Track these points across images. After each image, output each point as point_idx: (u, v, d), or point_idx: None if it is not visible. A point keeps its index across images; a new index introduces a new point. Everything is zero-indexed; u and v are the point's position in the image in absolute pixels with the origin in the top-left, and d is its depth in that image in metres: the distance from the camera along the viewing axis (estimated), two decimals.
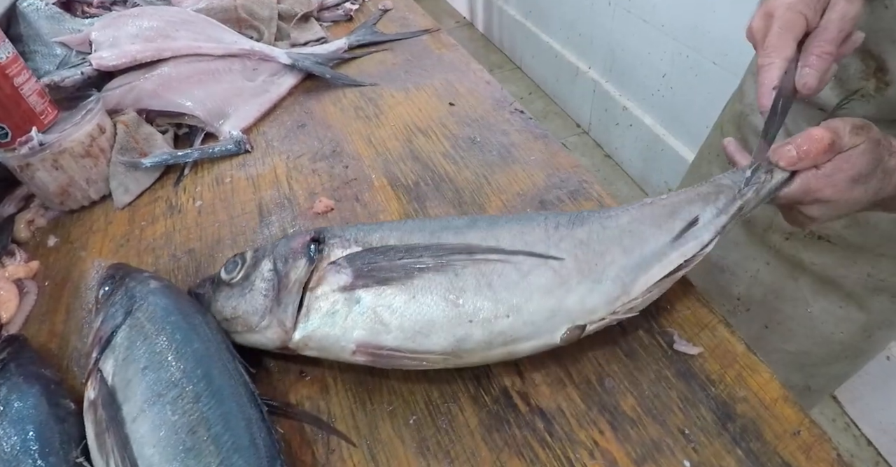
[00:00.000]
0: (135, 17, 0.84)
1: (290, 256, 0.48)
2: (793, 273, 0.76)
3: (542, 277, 0.45)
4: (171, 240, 0.64)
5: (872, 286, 0.70)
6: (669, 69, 1.98)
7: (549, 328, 0.45)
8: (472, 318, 0.44)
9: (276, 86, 0.84)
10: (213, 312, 0.48)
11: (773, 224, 0.76)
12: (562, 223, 0.49)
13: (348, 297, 0.45)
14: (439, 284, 0.44)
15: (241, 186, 0.70)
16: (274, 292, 0.47)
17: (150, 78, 0.78)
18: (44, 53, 0.88)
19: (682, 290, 0.53)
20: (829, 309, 0.74)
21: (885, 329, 0.75)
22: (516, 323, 0.44)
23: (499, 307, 0.44)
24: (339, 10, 1.05)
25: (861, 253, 0.69)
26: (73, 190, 0.70)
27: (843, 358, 0.80)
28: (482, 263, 0.45)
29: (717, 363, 0.48)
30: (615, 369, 0.47)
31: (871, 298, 0.71)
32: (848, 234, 0.68)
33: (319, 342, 0.45)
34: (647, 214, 0.49)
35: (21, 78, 0.65)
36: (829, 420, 1.51)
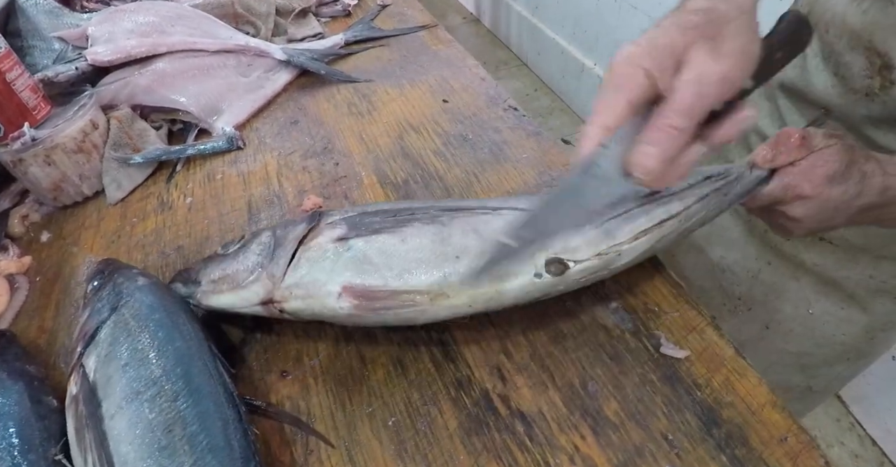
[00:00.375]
0: (131, 13, 0.84)
1: (289, 223, 0.50)
2: (795, 273, 0.75)
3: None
4: (161, 237, 0.64)
5: (874, 288, 0.70)
6: None
7: (534, 261, 0.45)
8: (458, 255, 0.45)
9: (271, 82, 0.84)
10: (201, 277, 0.49)
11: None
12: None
13: (340, 245, 0.46)
14: (428, 231, 0.46)
15: (231, 183, 0.70)
16: (269, 250, 0.48)
17: (144, 73, 0.78)
18: (42, 48, 0.88)
19: (670, 292, 0.53)
20: (831, 310, 0.73)
21: (887, 331, 0.74)
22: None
23: (484, 245, 0.45)
24: (338, 5, 1.04)
25: (863, 254, 0.68)
26: (65, 185, 0.70)
27: (845, 360, 0.79)
28: (470, 216, 0.48)
29: (705, 367, 0.47)
30: (599, 373, 0.47)
31: (873, 300, 0.71)
32: (849, 236, 0.68)
33: (306, 288, 0.45)
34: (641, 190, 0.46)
35: (14, 73, 0.65)
36: (834, 420, 1.50)
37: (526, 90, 2.86)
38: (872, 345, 0.77)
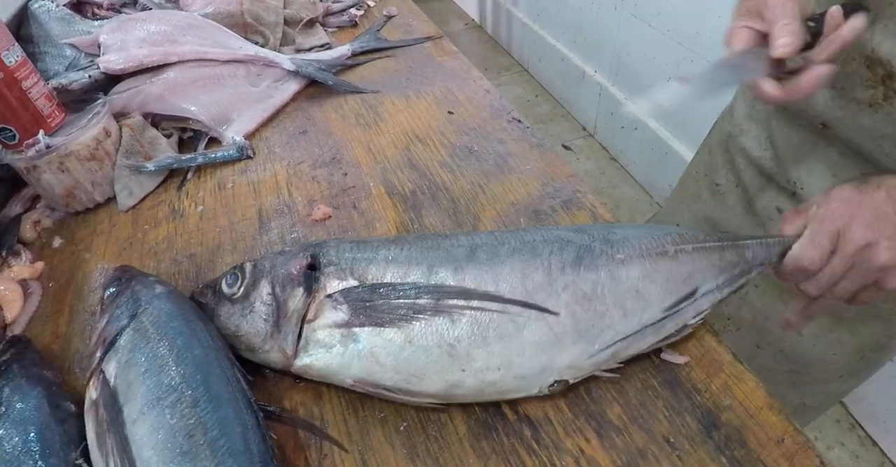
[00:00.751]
0: (143, 22, 0.85)
1: (287, 283, 0.49)
2: (782, 297, 0.75)
3: (538, 333, 0.46)
4: (173, 245, 0.66)
5: (862, 311, 0.70)
6: (674, 73, 1.98)
7: (538, 382, 0.46)
8: (464, 368, 0.45)
9: (280, 91, 0.86)
10: (218, 326, 0.50)
11: None
12: (567, 264, 0.48)
13: (345, 334, 0.46)
14: (435, 331, 0.45)
15: (242, 192, 0.71)
16: (273, 318, 0.48)
17: (156, 82, 0.79)
18: (53, 54, 0.90)
19: None
20: (820, 332, 0.74)
21: (878, 350, 0.75)
22: (507, 376, 0.45)
23: (492, 359, 0.45)
24: (345, 15, 1.06)
25: None
26: (78, 192, 0.71)
27: (838, 378, 0.80)
28: (479, 312, 0.46)
29: (704, 372, 0.49)
30: (602, 378, 0.48)
31: (862, 323, 0.71)
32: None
33: (319, 372, 0.47)
34: (661, 271, 0.49)
35: (29, 81, 0.67)
36: (834, 421, 1.52)
37: (527, 96, 2.88)
38: (865, 363, 0.77)
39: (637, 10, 2.02)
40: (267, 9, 0.96)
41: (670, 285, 0.48)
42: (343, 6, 1.07)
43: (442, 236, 0.52)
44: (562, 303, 0.46)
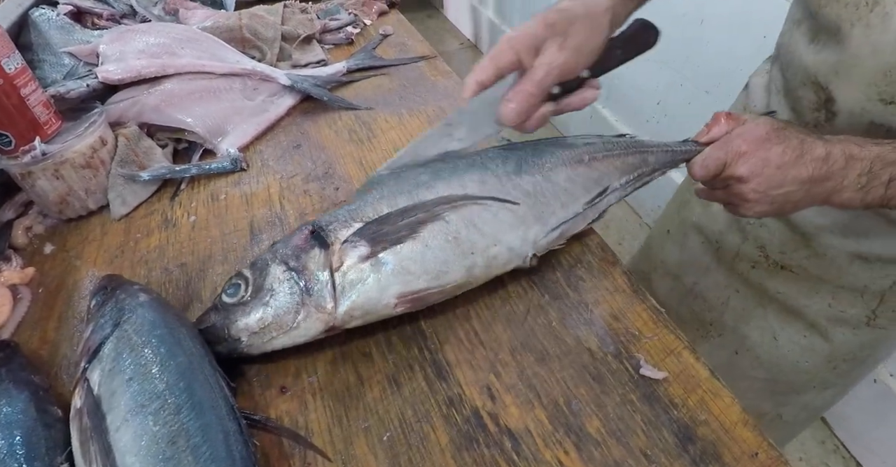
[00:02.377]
0: (142, 33, 0.87)
1: (299, 253, 0.53)
2: (760, 301, 0.79)
3: (508, 216, 0.57)
4: (165, 254, 0.66)
5: (833, 317, 0.73)
6: (664, 97, 2.02)
7: (522, 253, 0.57)
8: (472, 250, 0.54)
9: (275, 106, 0.87)
10: (236, 333, 0.50)
11: (739, 252, 0.79)
12: (511, 172, 0.59)
13: (373, 263, 0.52)
14: (439, 232, 0.54)
15: (234, 204, 0.72)
16: (299, 286, 0.51)
17: (153, 93, 0.80)
18: (52, 62, 0.91)
19: (651, 318, 0.56)
20: (794, 338, 0.77)
21: (849, 362, 0.77)
22: (502, 249, 0.56)
23: (487, 239, 0.55)
24: (341, 33, 1.08)
25: (821, 283, 0.72)
26: (71, 199, 0.72)
27: (812, 388, 0.82)
28: (462, 208, 0.55)
29: (681, 387, 0.50)
30: (583, 392, 0.50)
31: (833, 329, 0.74)
32: (808, 265, 0.72)
33: (363, 308, 0.51)
34: (580, 174, 0.61)
35: (28, 88, 0.68)
36: (819, 441, 1.53)
37: None
38: (837, 375, 0.80)
39: None
40: (265, 24, 0.98)
41: (588, 185, 0.61)
42: (340, 24, 1.10)
43: (406, 171, 0.61)
44: (515, 197, 0.57)
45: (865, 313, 0.72)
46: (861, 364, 0.79)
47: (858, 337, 0.74)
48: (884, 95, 0.56)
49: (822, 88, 0.61)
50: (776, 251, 0.75)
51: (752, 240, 0.77)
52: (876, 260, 0.67)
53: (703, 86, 1.83)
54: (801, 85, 0.65)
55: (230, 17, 0.98)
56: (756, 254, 0.77)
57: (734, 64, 1.70)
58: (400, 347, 0.54)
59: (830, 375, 0.79)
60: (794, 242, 0.73)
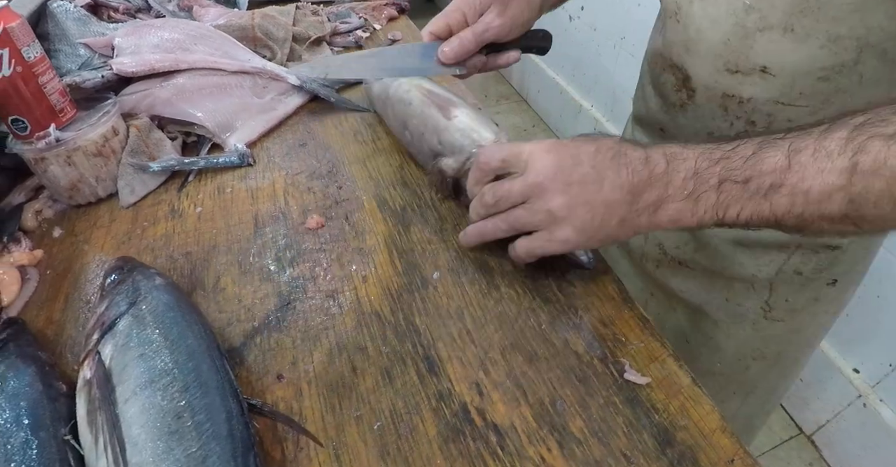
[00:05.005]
0: (157, 28, 0.89)
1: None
2: (671, 303, 0.80)
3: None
4: (170, 242, 0.68)
5: (732, 312, 0.74)
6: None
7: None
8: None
9: (283, 104, 0.89)
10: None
11: (644, 252, 0.80)
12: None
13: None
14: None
15: (240, 197, 0.75)
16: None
17: (165, 87, 0.83)
18: (67, 52, 0.93)
19: (637, 325, 0.58)
20: (702, 339, 0.78)
21: (759, 360, 0.77)
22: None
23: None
24: (351, 36, 1.10)
25: (715, 277, 0.73)
26: (82, 186, 0.74)
27: (733, 395, 0.83)
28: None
29: (663, 393, 0.51)
30: (568, 392, 0.51)
31: (735, 327, 0.75)
32: (699, 258, 0.73)
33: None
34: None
35: (46, 77, 0.70)
36: (806, 464, 1.55)
37: (524, 125, 2.95)
38: (750, 377, 0.80)
39: (634, 50, 2.10)
40: (277, 25, 1.00)
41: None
42: (350, 27, 1.12)
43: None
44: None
45: (760, 304, 0.72)
46: (776, 364, 0.78)
47: (760, 332, 0.74)
48: (728, 65, 0.58)
49: (678, 68, 0.65)
50: (672, 246, 0.76)
51: (651, 237, 0.78)
52: (755, 245, 0.67)
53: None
54: (662, 71, 0.68)
55: (243, 16, 1.00)
56: (657, 252, 0.78)
57: None
58: (394, 342, 0.56)
59: (745, 377, 0.80)
60: (684, 235, 0.73)
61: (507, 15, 0.64)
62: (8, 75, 0.66)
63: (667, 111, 0.70)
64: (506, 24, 0.64)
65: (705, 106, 0.64)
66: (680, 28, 0.62)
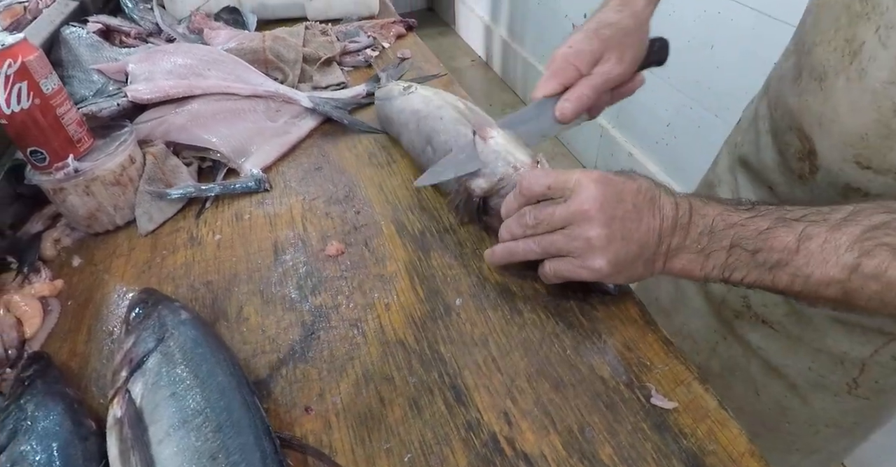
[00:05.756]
0: (170, 54, 0.90)
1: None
2: (745, 353, 0.76)
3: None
4: (191, 271, 0.69)
5: (813, 381, 0.70)
6: (673, 119, 2.06)
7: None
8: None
9: (297, 127, 0.90)
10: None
11: (725, 299, 0.76)
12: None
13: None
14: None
15: (258, 224, 0.75)
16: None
17: (180, 113, 0.83)
18: (81, 79, 0.94)
19: (662, 349, 0.57)
20: (776, 397, 0.74)
21: (833, 427, 0.74)
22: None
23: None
24: (360, 56, 1.11)
25: (800, 344, 0.69)
26: (100, 215, 0.74)
27: (796, 451, 0.80)
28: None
29: (691, 417, 0.51)
30: (596, 420, 0.51)
31: (814, 394, 0.71)
32: (788, 323, 0.69)
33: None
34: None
35: (63, 108, 0.70)
36: None
37: None
38: (821, 441, 0.76)
39: None
40: (287, 46, 1.01)
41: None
42: (359, 46, 1.12)
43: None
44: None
45: (846, 381, 0.68)
46: (848, 433, 0.75)
47: (839, 405, 0.70)
48: (860, 158, 0.53)
49: (807, 138, 0.59)
50: (758, 304, 0.72)
51: (736, 289, 0.74)
52: (856, 326, 0.64)
53: (713, 109, 1.86)
54: (788, 129, 0.62)
55: (254, 39, 1.01)
56: (740, 304, 0.74)
57: (743, 88, 1.73)
58: (421, 371, 0.56)
59: (813, 440, 0.76)
60: (775, 297, 0.68)
61: (625, 60, 0.61)
62: (27, 108, 0.66)
63: (783, 174, 0.65)
64: (627, 71, 0.61)
65: (825, 189, 0.59)
66: (821, 97, 0.56)
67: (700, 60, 1.83)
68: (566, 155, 2.77)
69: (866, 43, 0.50)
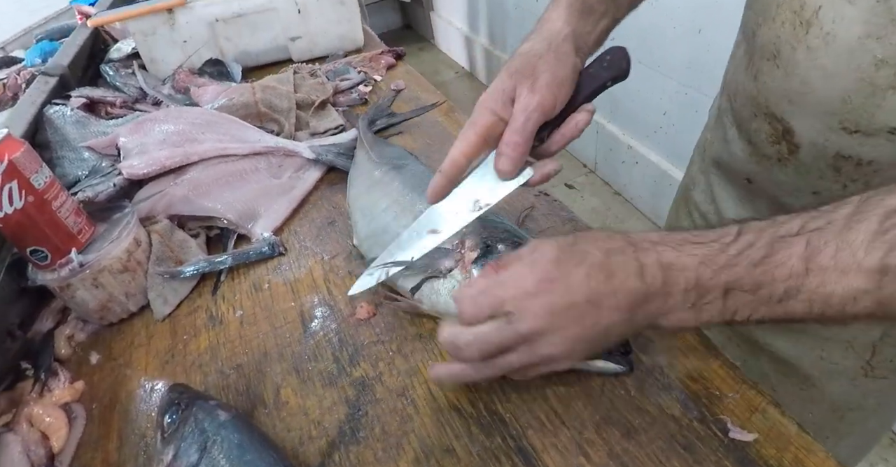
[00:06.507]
0: (160, 122, 0.86)
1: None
2: (753, 351, 0.73)
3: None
4: (217, 355, 0.64)
5: (827, 369, 0.67)
6: (669, 107, 2.03)
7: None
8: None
9: (302, 181, 0.85)
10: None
11: None
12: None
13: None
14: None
15: (279, 292, 0.71)
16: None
17: (180, 184, 0.79)
18: (71, 159, 0.90)
19: (728, 375, 0.54)
20: (793, 390, 0.71)
21: (857, 411, 0.71)
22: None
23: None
24: (354, 93, 1.07)
25: (806, 335, 0.67)
26: (112, 305, 0.70)
27: (825, 439, 0.74)
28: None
29: (773, 447, 0.47)
30: (676, 464, 0.47)
31: (830, 382, 0.68)
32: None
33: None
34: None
35: (59, 201, 0.66)
36: None
37: None
38: (848, 425, 0.73)
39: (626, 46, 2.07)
40: (279, 95, 0.97)
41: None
42: (351, 84, 1.09)
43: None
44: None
45: (860, 365, 0.65)
46: (874, 413, 0.72)
47: (859, 388, 0.67)
48: (846, 124, 0.51)
49: (777, 119, 0.56)
50: None
51: None
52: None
53: (708, 92, 1.84)
54: (753, 116, 0.60)
55: (243, 92, 0.97)
56: None
57: None
58: (482, 438, 0.51)
59: (840, 425, 0.73)
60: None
61: (539, 86, 0.51)
62: (21, 208, 0.62)
63: (758, 162, 0.62)
64: (545, 98, 0.51)
65: (811, 165, 0.56)
66: (779, 75, 0.54)
67: (689, 45, 1.80)
68: (564, 154, 2.73)
69: (823, 7, 0.48)
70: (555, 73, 0.52)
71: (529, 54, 0.54)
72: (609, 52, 0.56)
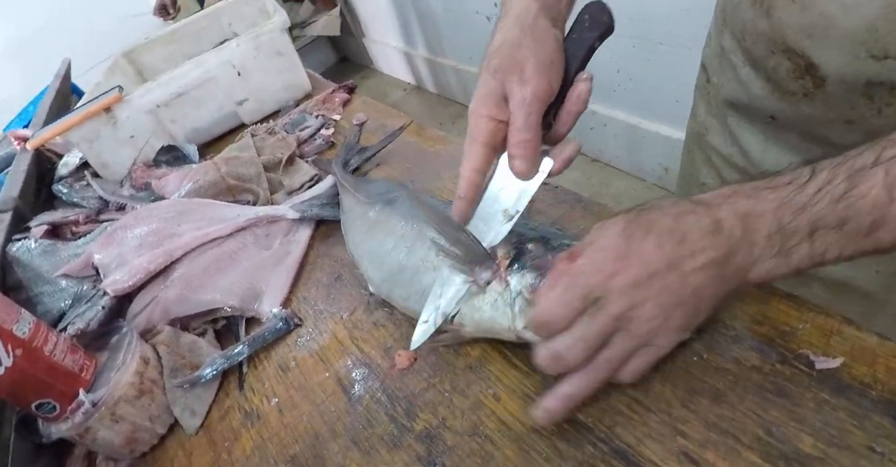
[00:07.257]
0: (130, 227, 0.81)
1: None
2: (804, 281, 0.69)
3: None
4: (266, 453, 0.58)
5: (884, 282, 0.65)
6: (622, 63, 2.02)
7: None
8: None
9: (295, 244, 0.80)
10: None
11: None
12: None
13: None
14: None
15: (309, 366, 0.65)
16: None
17: (170, 286, 0.73)
18: (50, 292, 0.84)
19: (790, 306, 0.51)
20: (852, 308, 0.68)
21: None
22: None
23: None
24: (318, 139, 1.02)
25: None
26: (139, 434, 0.64)
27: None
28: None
29: (863, 364, 0.44)
30: (775, 415, 0.44)
31: (892, 294, 0.66)
32: None
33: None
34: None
35: (49, 345, 0.61)
36: None
37: None
38: None
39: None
40: (244, 163, 0.92)
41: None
42: (312, 130, 1.03)
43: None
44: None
45: None
46: None
47: None
48: (874, 51, 0.49)
49: (798, 54, 0.54)
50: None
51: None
52: None
53: (657, 38, 1.83)
54: (770, 53, 0.58)
55: (207, 170, 0.91)
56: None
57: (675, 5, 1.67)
58: (572, 452, 0.47)
59: None
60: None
61: (528, 76, 0.48)
62: (11, 365, 0.56)
63: (781, 99, 0.60)
64: (539, 86, 0.48)
65: (842, 96, 0.54)
66: (795, 9, 0.52)
67: None
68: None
69: None
70: (539, 56, 0.49)
71: (505, 46, 0.51)
72: (586, 9, 0.52)
